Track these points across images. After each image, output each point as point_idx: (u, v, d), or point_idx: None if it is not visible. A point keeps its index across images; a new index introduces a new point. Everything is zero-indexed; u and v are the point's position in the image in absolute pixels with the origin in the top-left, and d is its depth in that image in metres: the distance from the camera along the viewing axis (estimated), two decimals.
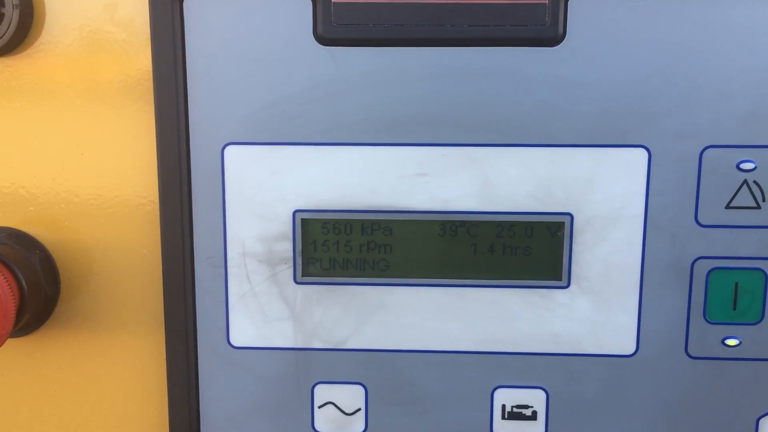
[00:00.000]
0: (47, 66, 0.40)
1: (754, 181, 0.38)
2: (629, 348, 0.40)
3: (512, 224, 0.39)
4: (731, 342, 0.40)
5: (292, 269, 0.40)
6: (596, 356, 0.40)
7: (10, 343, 0.42)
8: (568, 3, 0.37)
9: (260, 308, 0.41)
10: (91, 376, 0.43)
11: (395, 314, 0.41)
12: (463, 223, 0.40)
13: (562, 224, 0.39)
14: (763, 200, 0.39)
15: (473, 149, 0.39)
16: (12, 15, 0.38)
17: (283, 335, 0.41)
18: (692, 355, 0.40)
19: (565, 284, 0.40)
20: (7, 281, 0.37)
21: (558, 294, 0.40)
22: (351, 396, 0.41)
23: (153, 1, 0.38)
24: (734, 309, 0.40)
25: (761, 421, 0.41)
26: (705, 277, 0.39)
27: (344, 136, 0.39)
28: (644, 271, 0.39)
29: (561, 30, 0.37)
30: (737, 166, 0.38)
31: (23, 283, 0.39)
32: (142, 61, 0.40)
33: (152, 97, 0.39)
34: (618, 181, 0.39)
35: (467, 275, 0.40)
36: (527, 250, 0.40)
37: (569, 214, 0.39)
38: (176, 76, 0.38)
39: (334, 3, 0.38)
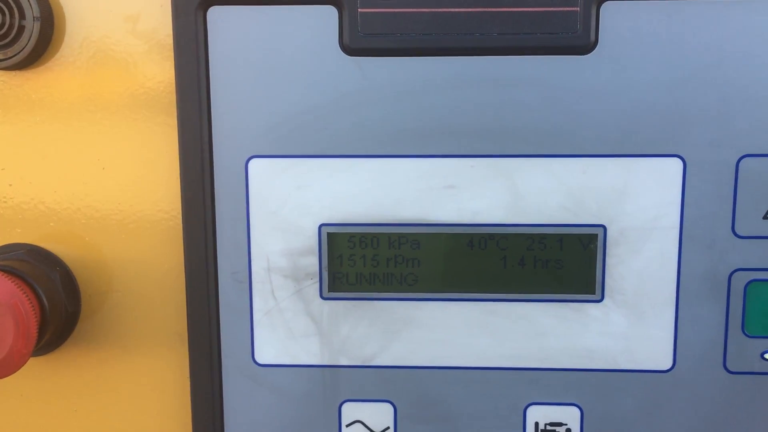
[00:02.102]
0: (67, 79, 0.39)
1: None
2: (665, 363, 0.39)
3: (543, 237, 0.39)
4: None
5: (318, 284, 0.39)
6: (632, 372, 0.39)
7: (31, 361, 0.41)
8: (600, 10, 0.36)
9: (286, 325, 0.40)
10: (113, 395, 0.42)
11: (424, 330, 0.40)
12: (493, 235, 0.39)
13: (595, 236, 0.38)
14: None
15: (502, 160, 0.38)
16: (33, 28, 0.37)
17: (309, 352, 0.40)
18: (730, 369, 0.39)
19: (599, 298, 0.39)
20: (29, 299, 0.36)
21: (591, 308, 0.39)
22: (379, 414, 0.40)
23: (176, 12, 0.37)
24: None
25: None
26: (743, 290, 0.38)
27: (371, 148, 0.38)
28: (680, 283, 0.38)
29: (593, 38, 0.37)
30: None
31: (44, 301, 0.38)
32: (164, 73, 0.39)
33: (175, 110, 0.39)
34: (652, 192, 0.38)
35: (497, 289, 0.39)
36: (559, 263, 0.39)
37: (602, 225, 0.38)
38: (199, 88, 0.38)
39: (361, 12, 0.37)
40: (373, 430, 0.40)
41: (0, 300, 0.35)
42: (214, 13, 0.37)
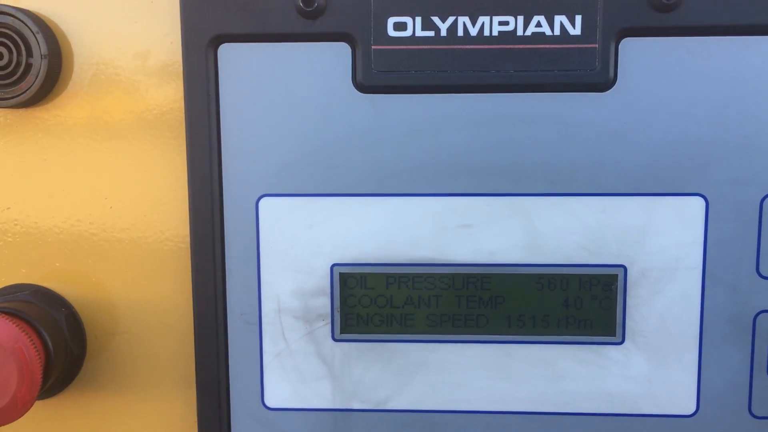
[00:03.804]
0: (75, 117, 0.39)
1: None
2: (689, 408, 0.38)
3: (562, 277, 0.37)
4: None
5: (329, 326, 0.38)
6: (654, 417, 0.38)
7: (34, 405, 0.40)
8: (619, 47, 0.36)
9: (296, 367, 0.39)
10: None
11: (439, 373, 0.38)
12: (509, 276, 0.38)
13: (615, 277, 0.37)
14: None
15: (519, 199, 0.37)
16: (40, 65, 0.37)
17: (320, 396, 0.39)
18: (756, 414, 0.38)
19: (620, 340, 0.38)
20: (34, 344, 0.35)
21: (612, 350, 0.38)
22: None
23: (186, 49, 0.36)
24: None
25: None
26: None
27: (384, 187, 0.37)
28: (703, 325, 0.37)
29: (612, 75, 0.36)
30: None
31: (49, 344, 0.37)
32: (174, 111, 0.38)
33: (184, 147, 0.38)
34: (674, 232, 0.37)
35: (514, 331, 0.38)
36: (578, 304, 0.38)
37: (622, 266, 0.37)
38: (209, 125, 0.37)
39: (374, 49, 0.36)
40: None
41: (3, 345, 0.34)
42: (225, 50, 0.37)
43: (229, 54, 0.37)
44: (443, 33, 0.36)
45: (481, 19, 0.36)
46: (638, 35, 0.36)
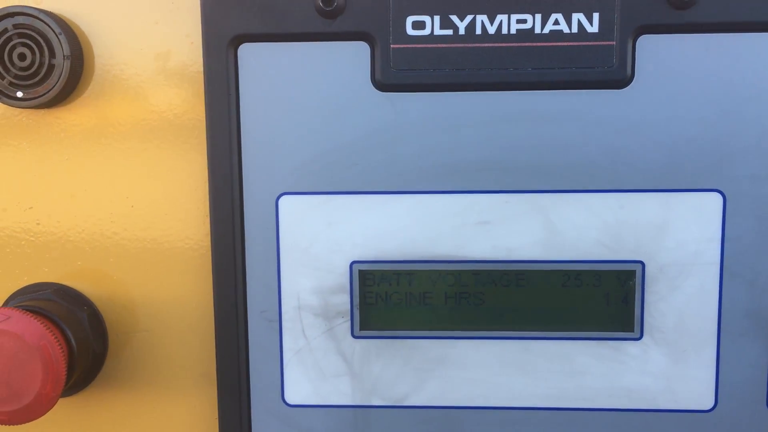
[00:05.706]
0: (97, 117, 0.39)
1: None
2: (707, 403, 0.38)
3: (580, 273, 0.38)
4: None
5: (349, 323, 0.39)
6: (672, 412, 0.38)
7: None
8: (636, 44, 0.36)
9: (316, 364, 0.39)
10: None
11: (458, 369, 0.39)
12: (528, 272, 0.38)
13: (633, 273, 0.37)
14: None
15: (538, 196, 0.37)
16: (63, 66, 0.37)
17: (340, 392, 0.39)
18: None
19: (638, 336, 0.38)
20: (58, 342, 0.36)
21: (630, 346, 0.38)
22: None
23: (207, 49, 0.37)
24: None
25: None
26: None
27: (403, 184, 0.38)
28: (722, 320, 0.37)
29: (629, 71, 0.36)
30: None
31: (72, 342, 0.37)
32: (195, 110, 0.38)
33: (205, 147, 0.38)
34: (692, 227, 0.37)
35: (533, 327, 0.38)
36: (596, 300, 0.38)
37: (641, 262, 0.37)
38: (230, 124, 0.37)
39: (393, 48, 0.36)
40: None
41: (29, 343, 0.34)
42: (246, 50, 0.37)
43: (250, 54, 0.37)
44: (461, 31, 0.36)
45: (499, 17, 0.36)
46: (655, 32, 0.36)
